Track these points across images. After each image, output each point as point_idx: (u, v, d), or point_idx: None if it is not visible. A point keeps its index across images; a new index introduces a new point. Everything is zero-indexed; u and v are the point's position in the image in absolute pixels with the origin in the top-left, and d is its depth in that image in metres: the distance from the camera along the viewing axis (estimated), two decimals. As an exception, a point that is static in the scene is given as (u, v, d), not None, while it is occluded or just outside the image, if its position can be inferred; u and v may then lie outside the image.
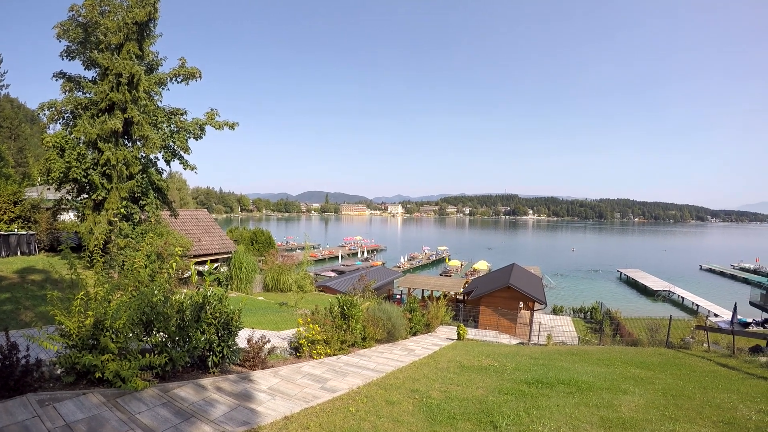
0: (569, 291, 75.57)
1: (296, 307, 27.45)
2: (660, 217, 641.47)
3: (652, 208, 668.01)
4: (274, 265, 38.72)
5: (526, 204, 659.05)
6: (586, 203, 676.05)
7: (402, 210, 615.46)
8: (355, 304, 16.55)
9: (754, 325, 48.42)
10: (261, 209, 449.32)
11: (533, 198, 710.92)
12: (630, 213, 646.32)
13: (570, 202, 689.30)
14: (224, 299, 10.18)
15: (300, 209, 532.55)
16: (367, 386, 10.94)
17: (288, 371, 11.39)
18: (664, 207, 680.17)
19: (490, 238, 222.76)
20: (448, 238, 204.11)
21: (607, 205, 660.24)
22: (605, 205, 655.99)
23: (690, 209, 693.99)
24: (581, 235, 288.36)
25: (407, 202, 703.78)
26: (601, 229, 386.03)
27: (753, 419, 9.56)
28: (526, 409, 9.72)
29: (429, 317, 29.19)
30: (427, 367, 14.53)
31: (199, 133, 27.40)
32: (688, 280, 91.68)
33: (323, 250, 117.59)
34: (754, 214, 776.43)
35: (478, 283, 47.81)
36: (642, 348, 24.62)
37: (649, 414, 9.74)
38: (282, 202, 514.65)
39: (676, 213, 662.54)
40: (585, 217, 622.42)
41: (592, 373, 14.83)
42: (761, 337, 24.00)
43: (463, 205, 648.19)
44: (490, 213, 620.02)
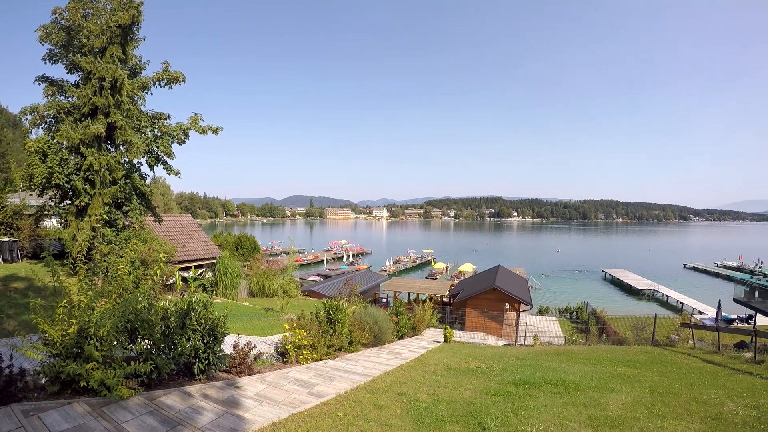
0: (555, 292, 75.88)
1: (282, 312, 27.32)
2: (643, 217, 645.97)
3: (636, 208, 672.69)
4: (260, 271, 38.49)
5: (511, 206, 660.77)
6: (570, 204, 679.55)
7: (387, 213, 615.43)
8: (341, 309, 16.52)
9: (739, 321, 48.90)
10: (246, 214, 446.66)
11: (517, 200, 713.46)
12: (614, 213, 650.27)
13: (554, 203, 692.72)
14: (209, 305, 10.10)
15: (285, 214, 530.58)
16: (354, 390, 10.89)
17: (275, 377, 11.33)
18: (647, 207, 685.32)
19: (475, 241, 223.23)
20: (434, 241, 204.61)
21: (590, 206, 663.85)
22: (589, 206, 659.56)
23: (673, 209, 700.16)
24: (566, 236, 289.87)
25: (392, 206, 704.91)
26: (585, 229, 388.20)
27: (740, 414, 9.66)
28: (514, 409, 9.74)
29: (415, 320, 29.16)
30: (414, 370, 14.50)
31: (183, 138, 27.23)
32: (673, 279, 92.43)
33: (308, 255, 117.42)
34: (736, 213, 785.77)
35: (463, 285, 47.91)
36: (628, 347, 24.84)
37: (636, 412, 9.81)
38: (267, 206, 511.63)
39: (659, 213, 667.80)
40: (569, 218, 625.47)
41: (579, 372, 14.91)
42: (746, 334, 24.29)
43: (448, 208, 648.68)
44: (475, 215, 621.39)
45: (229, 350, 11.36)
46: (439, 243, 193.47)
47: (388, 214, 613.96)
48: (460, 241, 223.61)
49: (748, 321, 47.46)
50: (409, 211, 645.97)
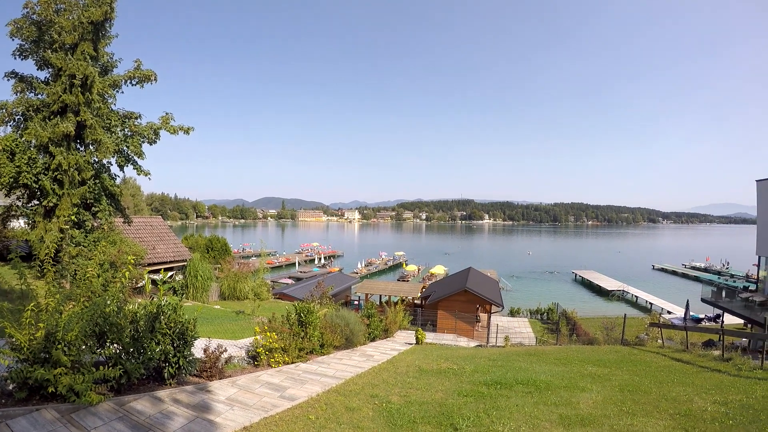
0: (526, 293, 76.47)
1: (253, 315, 27.17)
2: (613, 220, 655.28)
3: (605, 211, 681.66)
4: (231, 273, 38.23)
5: (482, 209, 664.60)
6: (541, 207, 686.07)
7: (359, 216, 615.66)
8: (312, 311, 16.43)
9: (707, 320, 49.84)
10: (217, 216, 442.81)
11: (489, 203, 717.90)
12: (584, 216, 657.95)
13: (525, 206, 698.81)
14: (179, 308, 9.99)
15: (256, 216, 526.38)
16: (326, 393, 10.86)
17: (246, 380, 11.24)
18: (616, 210, 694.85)
19: (447, 243, 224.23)
20: (405, 244, 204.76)
21: (561, 208, 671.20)
22: (559, 209, 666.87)
23: (642, 212, 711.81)
24: (536, 238, 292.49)
25: (364, 208, 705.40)
26: (555, 232, 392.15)
27: (709, 410, 9.87)
28: (485, 410, 9.81)
29: (387, 322, 29.17)
30: (386, 372, 14.50)
31: (154, 138, 26.85)
32: (642, 280, 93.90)
33: (280, 257, 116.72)
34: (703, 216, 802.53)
35: (435, 287, 48.06)
36: (598, 346, 25.16)
37: (607, 410, 9.96)
38: (238, 208, 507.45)
39: (628, 216, 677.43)
40: (540, 220, 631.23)
41: (550, 372, 15.07)
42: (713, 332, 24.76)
43: (420, 211, 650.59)
44: (447, 218, 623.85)
45: (200, 354, 11.23)
46: (410, 245, 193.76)
47: (360, 216, 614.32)
48: (431, 243, 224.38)
49: (715, 320, 48.45)
50: (381, 213, 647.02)
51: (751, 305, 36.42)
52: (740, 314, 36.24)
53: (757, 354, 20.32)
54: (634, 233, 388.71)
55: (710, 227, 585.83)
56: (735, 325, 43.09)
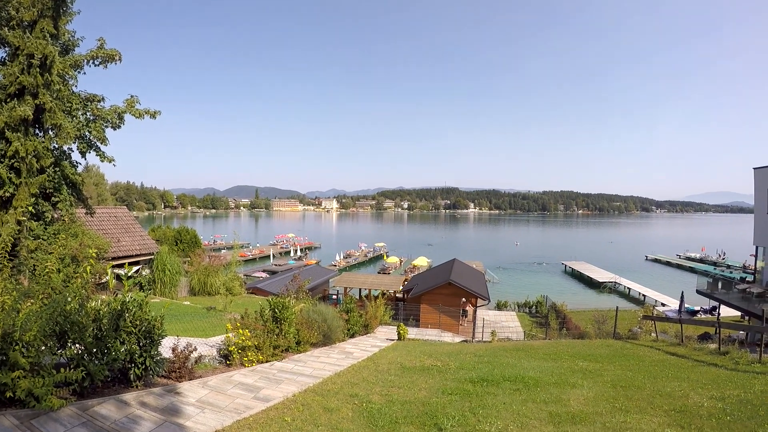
0: (513, 285, 77.08)
1: (225, 311, 27.03)
2: (604, 209, 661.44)
3: (597, 199, 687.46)
4: (201, 267, 37.99)
5: (467, 197, 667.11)
6: (529, 195, 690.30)
7: (337, 205, 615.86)
8: (287, 306, 16.36)
9: (702, 313, 50.63)
10: (186, 206, 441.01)
11: (474, 191, 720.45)
12: (574, 205, 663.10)
13: (512, 194, 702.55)
14: (145, 305, 9.89)
15: (228, 205, 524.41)
16: (303, 393, 10.81)
17: (217, 381, 11.17)
18: (608, 198, 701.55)
19: (430, 233, 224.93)
20: (386, 234, 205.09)
21: (550, 197, 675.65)
22: (548, 198, 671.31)
23: (635, 200, 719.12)
24: (524, 228, 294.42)
25: (342, 197, 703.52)
26: (544, 221, 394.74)
27: (705, 406, 9.99)
28: (471, 408, 9.83)
29: (367, 318, 29.23)
30: (366, 370, 14.50)
31: (118, 122, 26.44)
32: (634, 271, 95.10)
33: (253, 249, 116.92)
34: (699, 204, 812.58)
35: (418, 280, 48.18)
36: (589, 340, 25.36)
37: (598, 407, 10.04)
38: (208, 197, 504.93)
39: (620, 204, 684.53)
40: (528, 209, 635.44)
41: (539, 368, 15.17)
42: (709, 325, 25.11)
43: (402, 199, 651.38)
44: (430, 207, 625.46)
45: (168, 353, 11.11)
46: (392, 236, 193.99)
47: (338, 205, 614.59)
48: (414, 233, 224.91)
49: (711, 312, 49.17)
50: (361, 202, 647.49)
51: (749, 297, 36.93)
52: (737, 306, 36.75)
53: (755, 347, 20.61)
54: (627, 222, 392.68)
55: (706, 216, 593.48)
56: (732, 318, 43.68)
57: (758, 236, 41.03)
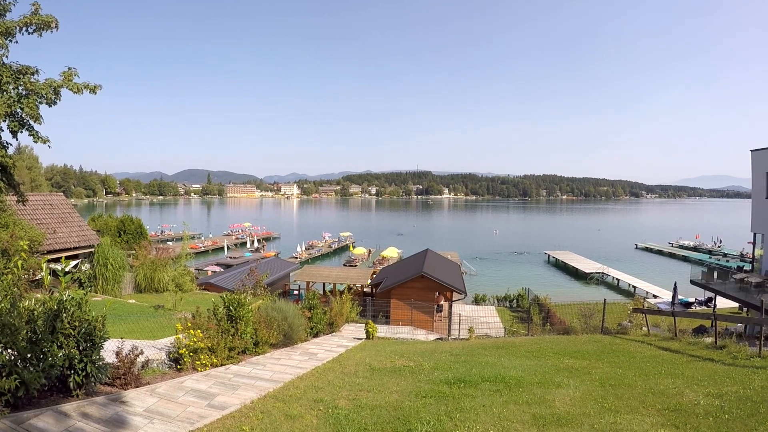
0: (492, 277, 77.80)
1: (174, 309, 26.83)
2: (590, 194, 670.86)
3: (582, 184, 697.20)
4: (147, 261, 37.51)
5: (441, 182, 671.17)
6: (509, 180, 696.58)
7: (298, 191, 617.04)
8: (243, 304, 16.23)
9: (697, 304, 51.49)
10: (130, 192, 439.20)
11: (449, 175, 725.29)
12: (557, 190, 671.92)
13: (490, 179, 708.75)
14: (85, 304, 9.68)
15: (177, 191, 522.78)
16: (262, 399, 10.76)
17: (167, 388, 11.07)
18: (594, 183, 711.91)
19: (401, 222, 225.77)
20: (352, 223, 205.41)
21: (531, 181, 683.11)
22: (530, 182, 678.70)
23: (623, 185, 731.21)
24: (504, 215, 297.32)
25: (304, 182, 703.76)
26: (525, 208, 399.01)
27: (701, 404, 10.08)
28: (447, 412, 9.83)
29: (332, 315, 29.24)
30: (332, 373, 14.48)
31: (54, 98, 25.79)
32: (623, 261, 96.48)
33: (206, 241, 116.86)
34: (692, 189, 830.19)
35: (387, 273, 48.25)
36: (575, 336, 25.67)
37: (586, 407, 10.08)
38: (155, 183, 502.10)
39: (608, 189, 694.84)
40: (507, 195, 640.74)
41: (521, 367, 15.24)
42: (705, 318, 25.39)
43: (369, 184, 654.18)
44: (400, 193, 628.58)
45: (112, 358, 10.96)
46: (358, 225, 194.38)
47: (299, 191, 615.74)
48: (383, 222, 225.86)
49: (707, 304, 50.06)
50: (324, 188, 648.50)
51: (747, 287, 37.61)
52: (734, 297, 37.40)
53: (754, 340, 20.93)
54: (615, 209, 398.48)
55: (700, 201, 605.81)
56: (729, 309, 44.52)
57: (756, 222, 41.72)
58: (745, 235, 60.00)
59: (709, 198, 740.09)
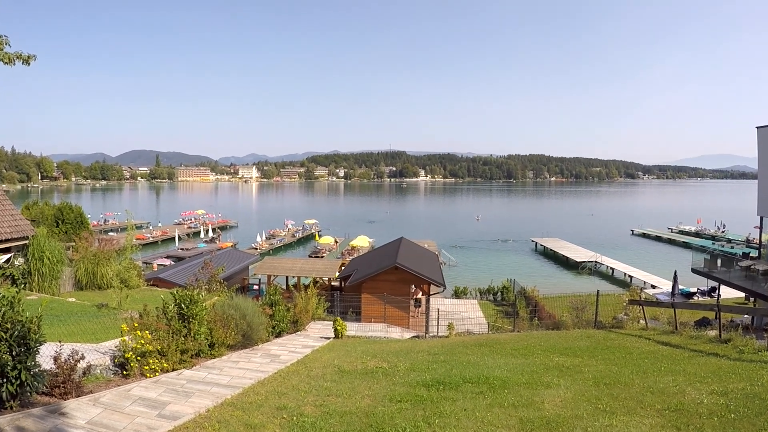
0: (474, 268, 78.37)
1: (120, 308, 26.58)
2: (582, 175, 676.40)
3: (572, 164, 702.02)
4: (89, 254, 37.17)
5: (417, 163, 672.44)
6: (492, 161, 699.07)
7: (257, 173, 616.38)
8: (197, 301, 16.11)
9: (699, 295, 52.13)
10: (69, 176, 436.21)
11: (425, 155, 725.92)
12: (545, 171, 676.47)
13: (471, 159, 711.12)
14: (18, 303, 9.53)
15: (122, 175, 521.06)
16: (219, 408, 10.69)
17: (113, 397, 10.96)
18: (586, 163, 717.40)
19: (372, 207, 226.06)
20: (318, 209, 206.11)
21: (517, 162, 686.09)
22: (515, 163, 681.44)
23: (618, 165, 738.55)
24: (486, 199, 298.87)
25: (264, 164, 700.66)
26: (510, 191, 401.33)
27: (705, 403, 10.18)
28: (425, 418, 9.84)
29: (296, 312, 29.17)
30: (296, 377, 14.47)
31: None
32: (619, 248, 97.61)
33: (154, 230, 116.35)
34: (693, 170, 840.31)
35: (357, 264, 48.33)
36: (566, 331, 25.84)
37: (578, 409, 10.14)
38: (98, 165, 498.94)
39: (601, 170, 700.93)
40: (490, 177, 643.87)
41: (507, 366, 15.33)
42: (708, 309, 25.68)
43: (337, 166, 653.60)
44: (371, 175, 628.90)
45: (49, 364, 10.82)
46: (325, 211, 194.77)
47: (259, 174, 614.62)
48: (352, 208, 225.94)
49: (710, 294, 50.62)
50: (287, 170, 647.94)
51: (753, 275, 38.05)
52: (740, 286, 37.84)
53: (762, 333, 21.27)
54: (609, 191, 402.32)
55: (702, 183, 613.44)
56: (734, 300, 45.15)
57: (763, 205, 42.12)
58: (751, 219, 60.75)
59: (711, 179, 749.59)
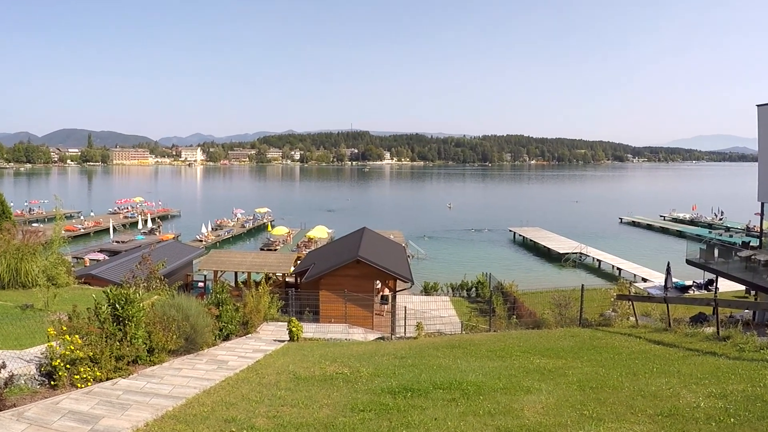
0: (445, 261, 78.77)
1: (47, 310, 26.25)
2: (565, 158, 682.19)
3: (555, 146, 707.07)
4: (11, 247, 36.68)
5: (382, 144, 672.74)
6: (465, 142, 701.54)
7: (203, 156, 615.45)
8: (133, 300, 15.91)
9: (695, 288, 52.73)
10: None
11: (391, 135, 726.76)
12: (525, 153, 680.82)
13: (442, 140, 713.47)
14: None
15: (50, 157, 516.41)
16: (159, 421, 10.54)
17: (39, 410, 10.70)
18: (570, 145, 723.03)
19: (332, 194, 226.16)
20: (271, 196, 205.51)
21: (493, 143, 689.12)
22: (491, 144, 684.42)
23: (605, 147, 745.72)
24: (459, 184, 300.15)
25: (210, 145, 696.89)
26: (486, 175, 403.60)
27: (701, 406, 10.24)
28: (391, 428, 9.80)
29: (246, 312, 29.01)
30: (247, 385, 14.36)
31: None
32: (605, 238, 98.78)
33: (86, 221, 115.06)
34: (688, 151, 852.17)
35: (315, 258, 48.26)
36: (548, 330, 26.00)
37: (562, 416, 10.14)
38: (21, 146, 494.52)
39: (586, 152, 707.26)
40: (464, 160, 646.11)
41: (482, 370, 15.34)
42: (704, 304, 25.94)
43: (292, 148, 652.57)
44: (331, 158, 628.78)
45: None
46: (279, 199, 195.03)
47: (204, 157, 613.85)
48: (309, 195, 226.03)
49: (707, 287, 51.24)
50: (236, 152, 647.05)
51: (754, 266, 38.41)
52: (740, 278, 38.26)
53: (764, 329, 21.45)
54: (595, 175, 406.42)
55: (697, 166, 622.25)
56: (733, 293, 45.76)
57: (764, 190, 42.47)
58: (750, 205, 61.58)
59: (707, 162, 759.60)
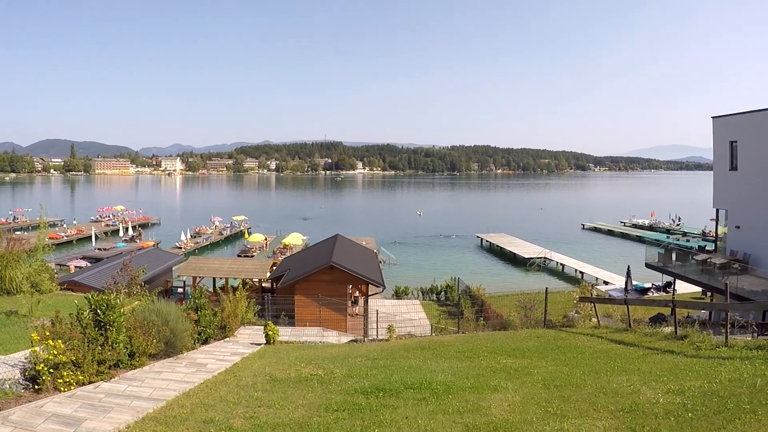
0: (415, 267, 79.01)
1: (31, 315, 25.98)
2: (530, 167, 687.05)
3: (520, 156, 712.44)
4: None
5: (354, 154, 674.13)
6: (434, 152, 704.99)
7: (182, 166, 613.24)
8: (115, 306, 15.77)
9: (654, 290, 53.22)
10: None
11: (363, 146, 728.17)
12: (491, 163, 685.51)
13: (412, 150, 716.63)
14: None
15: (33, 167, 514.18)
16: (140, 423, 10.49)
17: (23, 414, 10.58)
18: (534, 154, 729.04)
19: (306, 203, 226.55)
20: (248, 204, 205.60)
21: (461, 153, 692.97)
22: (459, 154, 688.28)
23: (568, 156, 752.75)
24: (429, 192, 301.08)
25: (189, 155, 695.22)
26: (454, 184, 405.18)
27: (660, 402, 10.32)
28: (364, 427, 9.78)
29: (224, 316, 28.85)
30: (225, 387, 14.32)
31: None
32: (568, 243, 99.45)
33: (69, 229, 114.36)
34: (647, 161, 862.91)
35: (290, 264, 48.17)
36: (514, 332, 26.07)
37: (527, 413, 10.17)
38: (6, 156, 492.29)
39: (550, 162, 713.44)
40: (433, 169, 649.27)
41: (451, 370, 15.38)
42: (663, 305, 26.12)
43: (268, 158, 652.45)
44: (305, 167, 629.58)
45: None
46: (255, 207, 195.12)
47: (183, 166, 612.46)
48: (284, 203, 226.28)
49: (665, 289, 51.80)
50: (214, 162, 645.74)
51: (710, 269, 38.89)
52: (696, 280, 38.71)
53: (719, 328, 21.66)
54: (558, 184, 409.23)
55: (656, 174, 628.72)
56: (690, 294, 46.29)
57: (719, 197, 43.01)
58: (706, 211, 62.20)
59: (666, 171, 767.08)
